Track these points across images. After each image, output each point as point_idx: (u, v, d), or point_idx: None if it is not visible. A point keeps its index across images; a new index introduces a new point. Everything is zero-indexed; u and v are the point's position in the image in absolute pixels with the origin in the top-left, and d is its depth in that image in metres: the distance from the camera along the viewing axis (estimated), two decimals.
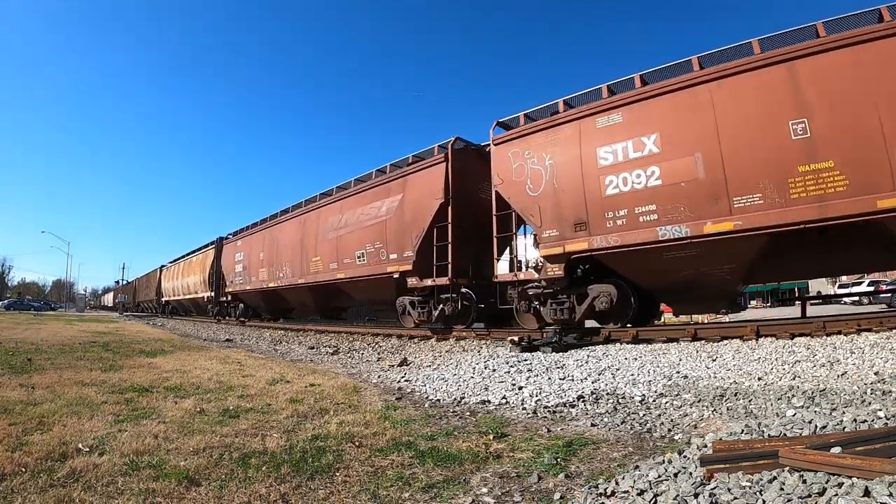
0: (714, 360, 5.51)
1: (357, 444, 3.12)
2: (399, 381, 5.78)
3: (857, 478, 1.75)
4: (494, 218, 8.99)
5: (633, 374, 5.16)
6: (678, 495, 1.96)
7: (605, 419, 3.76)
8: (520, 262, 8.96)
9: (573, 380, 5.11)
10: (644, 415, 3.80)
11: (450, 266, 9.51)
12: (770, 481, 1.89)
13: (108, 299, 76.12)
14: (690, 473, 2.18)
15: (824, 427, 2.65)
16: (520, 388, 4.91)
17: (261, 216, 18.96)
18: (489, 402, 4.53)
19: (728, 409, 3.72)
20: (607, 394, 4.53)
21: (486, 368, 6.02)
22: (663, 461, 2.46)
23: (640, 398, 4.32)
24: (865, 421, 2.64)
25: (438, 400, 4.74)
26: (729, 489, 1.90)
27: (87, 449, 2.93)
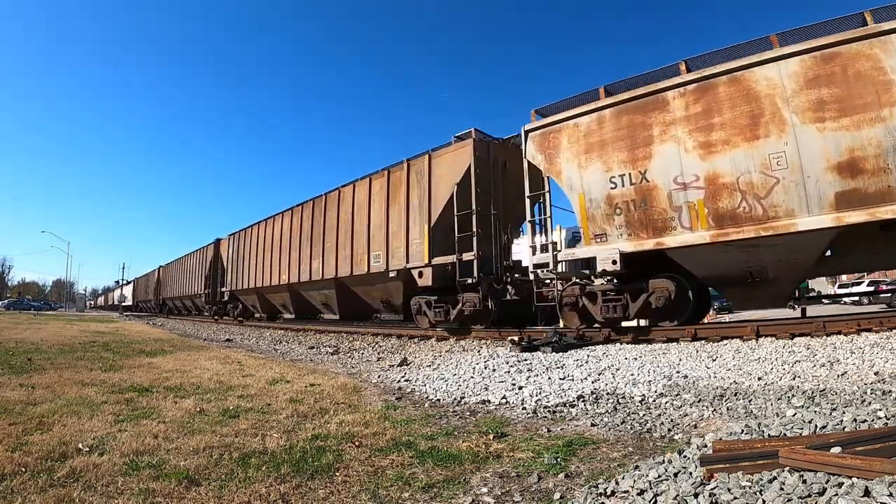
0: (714, 360, 5.51)
1: (357, 443, 3.12)
2: (399, 381, 5.78)
3: (857, 478, 1.75)
4: None
5: (633, 374, 5.16)
6: (678, 495, 1.96)
7: (605, 419, 3.76)
8: None
9: (573, 380, 5.11)
10: (644, 415, 3.80)
11: None
12: (770, 481, 1.89)
13: (116, 297, 59.43)
14: (690, 473, 2.18)
15: (824, 427, 2.65)
16: (520, 387, 4.91)
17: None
18: (489, 401, 4.53)
19: (728, 409, 3.72)
20: (607, 394, 4.53)
21: (486, 368, 6.02)
22: (663, 461, 2.46)
23: (640, 398, 4.32)
24: (865, 421, 2.64)
25: (438, 400, 4.74)
26: (729, 489, 1.90)
27: (87, 449, 2.94)
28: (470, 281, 9.33)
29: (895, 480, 1.65)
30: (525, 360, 6.43)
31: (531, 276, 8.62)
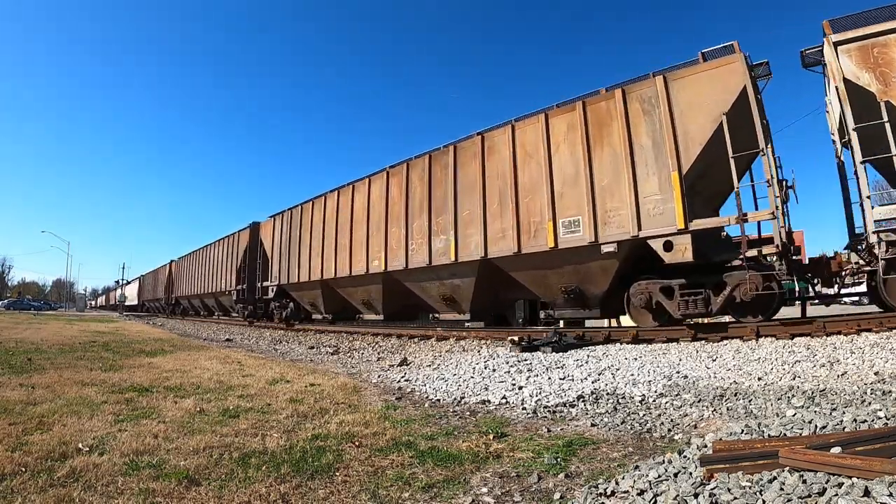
0: (714, 360, 5.51)
1: (357, 443, 3.12)
2: (399, 381, 5.78)
3: (857, 478, 1.75)
4: None
5: (633, 374, 5.16)
6: (678, 495, 1.96)
7: (605, 419, 3.76)
8: None
9: (573, 380, 5.11)
10: (644, 415, 3.80)
11: None
12: (770, 481, 1.89)
13: (117, 296, 54.44)
14: (690, 473, 2.18)
15: (824, 427, 2.65)
16: (520, 387, 4.91)
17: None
18: (489, 401, 4.53)
19: (728, 409, 3.72)
20: (607, 394, 4.53)
21: (485, 368, 6.02)
22: (663, 461, 2.46)
23: (640, 398, 4.32)
24: (865, 421, 2.64)
25: (438, 400, 4.74)
26: (729, 489, 1.90)
27: (87, 449, 2.94)
28: (759, 253, 6.60)
29: (895, 480, 1.65)
30: (525, 360, 6.43)
31: (872, 239, 6.39)
